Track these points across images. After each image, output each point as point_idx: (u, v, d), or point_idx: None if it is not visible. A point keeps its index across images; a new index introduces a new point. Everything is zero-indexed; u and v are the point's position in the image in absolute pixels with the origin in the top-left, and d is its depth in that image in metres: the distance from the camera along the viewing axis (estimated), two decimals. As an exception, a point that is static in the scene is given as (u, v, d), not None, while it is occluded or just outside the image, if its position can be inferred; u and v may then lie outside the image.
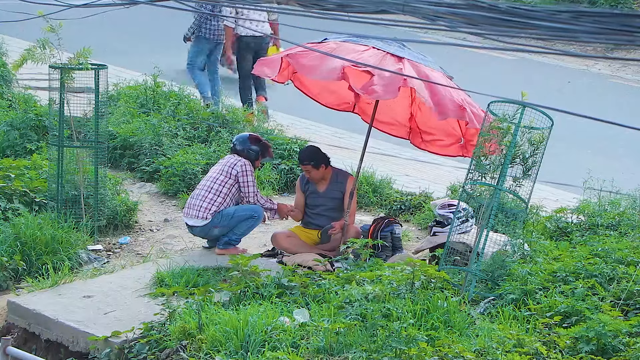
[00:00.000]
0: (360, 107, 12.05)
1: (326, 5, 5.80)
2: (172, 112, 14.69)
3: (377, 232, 11.10)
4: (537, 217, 11.58)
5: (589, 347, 8.21)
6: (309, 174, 11.30)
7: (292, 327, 8.58)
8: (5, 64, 16.67)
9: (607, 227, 10.92)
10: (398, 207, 12.72)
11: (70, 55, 11.90)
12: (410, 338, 8.11)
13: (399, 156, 14.47)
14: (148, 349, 8.93)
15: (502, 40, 5.33)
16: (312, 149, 11.46)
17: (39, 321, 9.76)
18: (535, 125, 9.61)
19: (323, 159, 11.30)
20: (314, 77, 10.58)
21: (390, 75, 10.00)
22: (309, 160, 11.26)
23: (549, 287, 9.16)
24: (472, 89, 9.65)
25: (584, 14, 4.94)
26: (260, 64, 10.71)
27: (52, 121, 12.24)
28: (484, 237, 9.60)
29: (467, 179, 9.78)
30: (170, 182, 13.31)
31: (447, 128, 11.39)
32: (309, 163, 11.25)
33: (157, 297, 9.75)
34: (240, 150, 11.34)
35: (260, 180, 13.20)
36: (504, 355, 8.04)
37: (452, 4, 5.26)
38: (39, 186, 12.28)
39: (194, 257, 10.96)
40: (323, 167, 11.29)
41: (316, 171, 11.27)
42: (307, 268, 10.47)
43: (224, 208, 11.07)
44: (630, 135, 15.11)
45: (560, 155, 13.61)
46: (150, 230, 12.41)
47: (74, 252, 11.24)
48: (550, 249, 10.07)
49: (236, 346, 8.45)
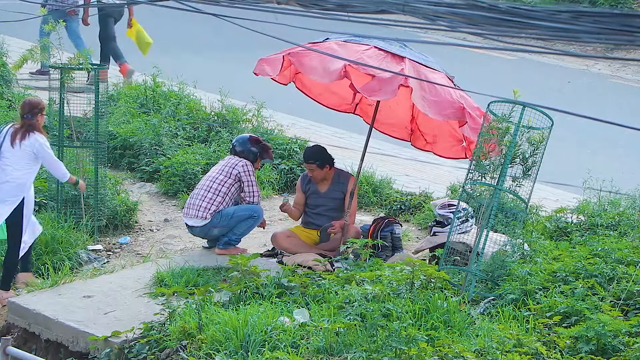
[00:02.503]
0: (361, 108, 12.05)
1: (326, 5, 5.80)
2: (172, 112, 14.70)
3: (377, 232, 11.10)
4: (536, 217, 11.58)
5: (588, 347, 8.21)
6: (312, 172, 11.29)
7: (292, 327, 8.58)
8: (5, 64, 16.67)
9: (606, 227, 10.92)
10: (398, 207, 12.72)
11: (71, 55, 11.91)
12: (410, 338, 8.11)
13: (399, 156, 14.47)
14: (148, 349, 8.93)
15: (502, 40, 5.33)
16: (318, 149, 11.42)
17: (39, 321, 9.76)
18: (535, 125, 9.61)
19: (328, 159, 11.30)
20: (315, 77, 10.57)
21: (391, 75, 10.01)
22: (314, 160, 11.25)
23: (548, 287, 9.17)
24: (472, 89, 9.66)
25: (584, 14, 4.94)
26: (262, 62, 10.69)
27: (52, 121, 12.25)
28: (484, 237, 9.60)
29: (467, 179, 9.79)
30: (170, 182, 13.31)
31: (448, 130, 11.39)
32: (314, 162, 11.24)
33: (157, 297, 9.75)
34: (240, 151, 11.34)
35: (261, 180, 13.20)
36: (504, 355, 8.05)
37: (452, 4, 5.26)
38: (39, 186, 12.28)
39: (194, 257, 10.96)
40: (327, 168, 11.29)
41: (320, 171, 11.27)
42: (307, 268, 10.47)
43: (223, 208, 11.07)
44: (630, 135, 15.10)
45: (560, 155, 13.61)
46: (150, 230, 12.41)
47: (74, 252, 11.25)
48: (550, 249, 10.07)
49: (236, 346, 8.45)
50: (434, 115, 10.17)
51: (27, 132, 10.62)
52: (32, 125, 10.64)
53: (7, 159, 10.57)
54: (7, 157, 10.57)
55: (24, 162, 10.59)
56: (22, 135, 10.60)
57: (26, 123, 10.64)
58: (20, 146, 10.57)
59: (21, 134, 10.61)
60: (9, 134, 10.64)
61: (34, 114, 10.65)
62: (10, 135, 10.63)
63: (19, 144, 10.57)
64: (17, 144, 10.57)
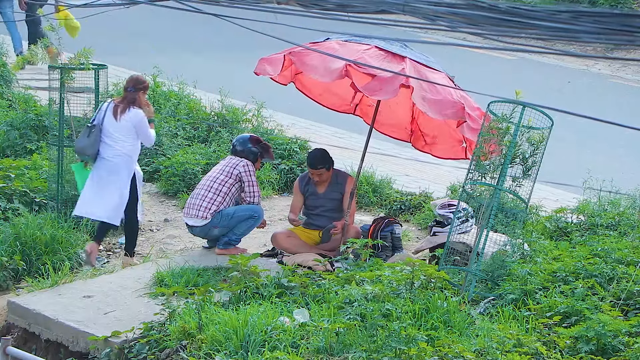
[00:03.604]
0: (361, 109, 12.05)
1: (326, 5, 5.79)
2: (172, 112, 14.70)
3: (377, 232, 11.10)
4: (536, 217, 11.58)
5: (588, 347, 8.21)
6: (319, 177, 11.28)
7: (292, 327, 8.58)
8: (6, 64, 16.68)
9: (606, 227, 10.92)
10: (398, 207, 12.72)
11: (71, 55, 11.91)
12: (410, 338, 8.11)
13: (399, 156, 14.47)
14: (148, 349, 8.93)
15: (502, 40, 5.33)
16: (323, 153, 11.39)
17: (39, 321, 9.76)
18: (535, 125, 9.61)
19: (331, 160, 11.33)
20: (316, 77, 10.56)
21: (391, 75, 10.01)
22: (323, 164, 11.25)
23: (548, 287, 9.16)
24: (472, 89, 9.66)
25: (584, 14, 4.94)
26: (262, 62, 10.69)
27: (52, 121, 12.25)
28: (484, 237, 9.60)
29: (467, 179, 9.78)
30: (170, 182, 13.31)
31: (449, 130, 11.38)
32: (323, 167, 11.25)
33: (157, 297, 9.75)
34: (240, 151, 11.34)
35: (261, 181, 13.20)
36: (503, 355, 8.04)
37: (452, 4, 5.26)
38: (39, 186, 12.29)
39: (194, 257, 10.96)
40: (331, 169, 11.32)
41: (327, 173, 11.28)
42: (307, 268, 10.47)
43: (223, 208, 11.07)
44: (630, 135, 15.11)
45: (560, 155, 13.61)
46: (150, 230, 12.41)
47: (74, 252, 11.25)
48: (550, 249, 10.07)
49: (236, 346, 8.45)
50: (435, 114, 10.16)
51: (128, 105, 11.07)
52: (134, 100, 11.09)
53: (112, 134, 11.03)
54: (111, 133, 11.03)
55: (128, 135, 11.04)
56: (123, 109, 11.05)
57: (128, 97, 11.12)
58: (123, 119, 11.02)
59: (122, 107, 11.07)
60: (109, 109, 11.07)
61: (138, 89, 11.14)
62: (112, 110, 11.06)
63: (121, 118, 11.02)
64: (119, 117, 11.03)
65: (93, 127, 11.01)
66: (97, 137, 11.01)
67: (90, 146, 11.03)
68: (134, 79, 11.27)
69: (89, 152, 11.08)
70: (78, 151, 11.21)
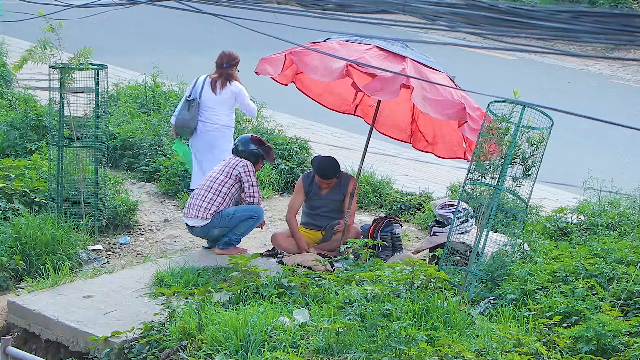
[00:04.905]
0: (362, 109, 12.04)
1: (326, 5, 5.79)
2: (172, 112, 14.69)
3: (377, 232, 11.10)
4: (536, 217, 11.58)
5: (588, 347, 8.21)
6: (329, 184, 11.27)
7: (292, 327, 8.58)
8: (6, 64, 16.67)
9: (606, 227, 10.92)
10: (398, 207, 12.73)
11: (71, 55, 11.91)
12: (410, 338, 8.11)
13: (399, 156, 14.48)
14: (148, 349, 8.93)
15: (502, 40, 5.33)
16: (333, 163, 11.31)
17: (39, 321, 9.76)
18: (535, 125, 9.61)
19: (339, 166, 11.36)
20: (317, 76, 10.56)
21: (392, 75, 10.01)
22: (335, 174, 11.25)
23: (548, 287, 9.16)
24: (472, 89, 9.66)
25: (584, 14, 4.93)
26: (263, 61, 10.68)
27: (52, 121, 12.25)
28: (484, 237, 9.60)
29: (467, 179, 9.78)
30: (170, 182, 13.32)
31: (449, 130, 11.38)
32: (335, 176, 11.25)
33: (157, 297, 9.75)
34: (242, 151, 11.33)
35: (261, 181, 13.20)
36: (503, 355, 8.04)
37: (452, 4, 5.26)
38: (39, 186, 12.28)
39: (194, 257, 10.96)
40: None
41: (336, 180, 11.29)
42: (307, 268, 10.47)
43: (223, 208, 11.07)
44: (630, 135, 15.11)
45: (560, 155, 13.61)
46: (150, 230, 12.41)
47: (74, 252, 11.25)
48: (550, 249, 10.07)
49: (236, 346, 8.45)
50: (435, 114, 10.17)
51: (227, 80, 11.66)
52: (231, 75, 11.68)
53: (211, 108, 11.59)
54: (210, 106, 11.59)
55: (226, 108, 11.59)
56: (222, 83, 11.63)
57: (225, 72, 11.66)
58: (222, 93, 11.57)
59: (221, 81, 11.65)
60: (206, 83, 11.62)
61: (232, 65, 11.70)
62: (210, 84, 11.62)
63: (221, 91, 11.56)
64: (218, 91, 11.57)
65: (192, 101, 11.38)
66: (197, 111, 11.50)
67: (192, 119, 11.58)
68: (227, 55, 11.79)
69: (191, 125, 11.60)
70: (180, 125, 11.73)
